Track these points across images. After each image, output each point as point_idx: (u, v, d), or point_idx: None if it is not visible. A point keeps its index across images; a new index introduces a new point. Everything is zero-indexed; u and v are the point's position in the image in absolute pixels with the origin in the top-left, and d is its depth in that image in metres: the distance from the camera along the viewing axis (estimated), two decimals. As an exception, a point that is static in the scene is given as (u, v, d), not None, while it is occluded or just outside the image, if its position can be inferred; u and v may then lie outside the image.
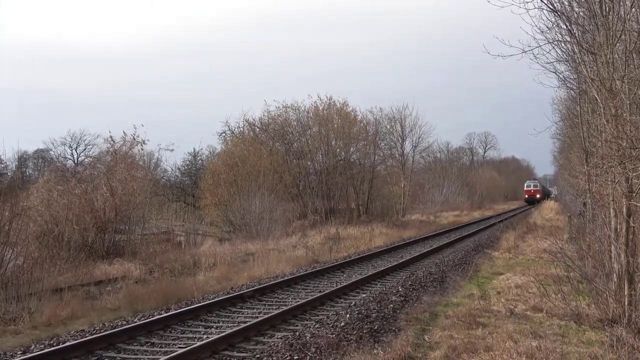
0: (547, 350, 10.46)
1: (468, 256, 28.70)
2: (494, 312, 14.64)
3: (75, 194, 31.70)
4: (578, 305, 15.39)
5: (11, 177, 35.13)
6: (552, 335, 12.17)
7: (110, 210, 32.33)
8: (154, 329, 14.21)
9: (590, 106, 17.36)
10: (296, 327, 14.20)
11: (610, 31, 14.17)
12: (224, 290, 19.63)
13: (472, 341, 11.48)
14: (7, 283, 19.25)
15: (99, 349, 12.53)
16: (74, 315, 16.34)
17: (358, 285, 20.11)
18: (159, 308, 16.48)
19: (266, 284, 20.59)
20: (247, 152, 50.18)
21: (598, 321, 13.77)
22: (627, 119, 12.73)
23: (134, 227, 33.65)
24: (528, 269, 22.31)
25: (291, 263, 27.33)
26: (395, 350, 10.94)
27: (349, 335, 12.85)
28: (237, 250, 30.89)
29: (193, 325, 14.86)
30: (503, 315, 14.26)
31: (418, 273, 22.48)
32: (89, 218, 30.75)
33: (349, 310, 15.48)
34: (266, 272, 24.33)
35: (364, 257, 29.37)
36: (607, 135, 14.28)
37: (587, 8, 15.63)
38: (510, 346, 10.78)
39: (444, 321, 13.77)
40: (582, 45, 16.36)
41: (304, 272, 23.69)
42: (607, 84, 13.77)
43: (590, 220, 24.60)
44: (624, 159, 13.59)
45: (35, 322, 15.70)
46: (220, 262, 27.51)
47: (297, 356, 11.28)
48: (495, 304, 15.66)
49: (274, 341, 12.87)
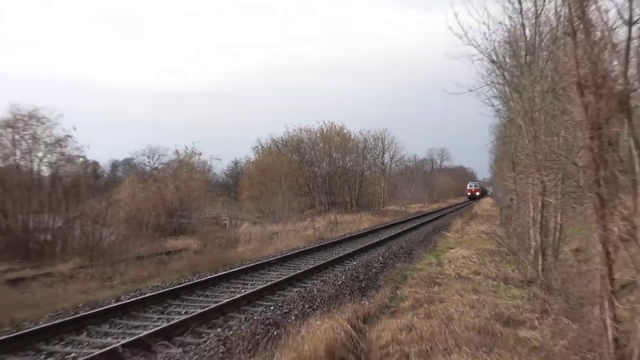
0: (484, 301, 10.58)
1: (428, 235, 28.70)
2: (446, 275, 14.73)
3: (151, 190, 32.03)
4: (506, 270, 15.54)
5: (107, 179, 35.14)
6: (487, 292, 12.27)
7: (176, 201, 32.71)
8: (208, 285, 14.33)
9: (516, 130, 17.43)
10: (307, 284, 14.33)
11: (531, 77, 14.25)
12: (256, 259, 19.69)
13: (430, 295, 11.57)
14: (104, 253, 19.53)
15: (169, 298, 12.66)
16: (151, 275, 16.52)
17: (351, 255, 20.16)
18: (210, 271, 16.60)
19: (286, 254, 20.71)
20: (272, 161, 50.43)
21: (520, 282, 13.86)
22: (542, 140, 12.79)
23: (193, 213, 33.78)
24: (471, 245, 22.39)
25: (303, 239, 27.40)
26: (376, 301, 11.06)
27: (344, 290, 12.99)
28: (266, 231, 30.90)
29: (235, 283, 14.97)
30: (452, 277, 14.37)
31: (393, 247, 22.54)
32: (161, 207, 31.09)
33: (344, 273, 15.64)
34: (286, 246, 24.45)
35: (355, 236, 29.33)
36: (528, 151, 14.33)
37: (516, 60, 15.71)
38: (458, 299, 10.89)
39: (411, 281, 13.87)
40: (511, 87, 16.46)
41: (313, 246, 23.71)
42: (529, 115, 13.85)
43: (515, 211, 24.58)
44: (540, 168, 13.66)
45: (124, 280, 15.87)
46: (254, 239, 27.55)
47: (307, 304, 11.40)
48: (447, 269, 15.76)
49: (291, 294, 13.04)
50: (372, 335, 8.44)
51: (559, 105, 11.56)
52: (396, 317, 9.79)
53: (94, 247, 20.49)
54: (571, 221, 15.10)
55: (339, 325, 7.94)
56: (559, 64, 11.63)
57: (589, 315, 8.24)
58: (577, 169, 7.83)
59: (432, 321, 8.67)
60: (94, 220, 21.73)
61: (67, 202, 21.59)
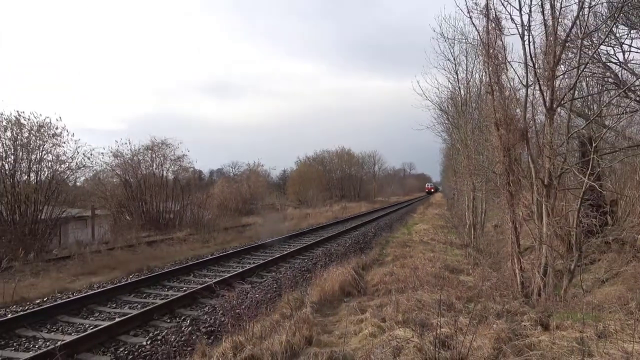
0: (437, 257, 10.43)
1: (403, 216, 28.50)
2: (414, 240, 14.58)
3: (233, 187, 32.14)
4: (451, 238, 15.33)
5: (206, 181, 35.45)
6: (439, 251, 12.10)
7: (248, 194, 32.79)
8: (267, 245, 14.28)
9: (456, 151, 17.31)
10: (327, 246, 14.20)
11: (465, 119, 14.13)
12: (296, 230, 19.69)
13: (404, 253, 11.45)
14: (205, 225, 19.67)
15: (243, 254, 12.66)
16: (233, 240, 16.56)
17: (355, 228, 20.03)
18: (269, 237, 16.62)
19: (314, 227, 20.65)
20: (306, 170, 51.00)
21: (460, 245, 13.68)
22: (473, 157, 12.67)
23: (258, 201, 33.92)
24: (429, 222, 22.18)
25: (325, 218, 27.33)
26: (370, 256, 10.95)
27: (350, 249, 12.91)
28: (302, 213, 30.92)
29: (284, 244, 14.91)
30: (418, 242, 14.21)
31: (380, 223, 22.41)
32: (239, 198, 31.20)
33: (350, 239, 15.54)
34: (315, 222, 24.38)
35: (357, 216, 29.14)
36: (464, 164, 14.19)
37: (455, 109, 15.62)
38: (421, 255, 10.77)
39: (392, 244, 13.74)
40: (453, 124, 16.34)
41: (331, 222, 23.62)
42: (464, 142, 13.72)
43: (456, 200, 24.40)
44: (471, 174, 13.52)
45: (215, 242, 15.94)
46: (295, 217, 27.59)
47: (327, 258, 11.31)
48: (414, 237, 15.59)
49: (317, 251, 12.96)
50: (367, 278, 8.38)
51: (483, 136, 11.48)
52: (382, 266, 9.71)
53: (198, 222, 20.68)
54: (492, 207, 14.98)
55: (347, 271, 7.89)
56: (482, 111, 11.56)
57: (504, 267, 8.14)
58: (495, 175, 7.79)
59: (405, 269, 8.59)
60: (199, 205, 22.01)
61: (182, 194, 21.83)
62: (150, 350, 5.18)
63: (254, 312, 5.94)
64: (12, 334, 5.86)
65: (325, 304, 6.67)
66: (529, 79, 6.58)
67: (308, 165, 53.92)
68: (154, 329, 6.13)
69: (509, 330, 4.55)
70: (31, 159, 13.16)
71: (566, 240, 6.34)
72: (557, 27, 6.18)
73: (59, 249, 13.62)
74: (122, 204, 20.06)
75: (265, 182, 39.09)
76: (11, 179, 12.66)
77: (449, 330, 4.49)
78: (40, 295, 8.02)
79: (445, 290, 6.60)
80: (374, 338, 4.76)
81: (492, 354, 4.01)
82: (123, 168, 20.80)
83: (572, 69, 6.58)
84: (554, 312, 5.16)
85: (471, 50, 13.99)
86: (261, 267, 10.48)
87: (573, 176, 6.94)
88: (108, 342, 5.54)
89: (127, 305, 7.36)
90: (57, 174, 13.97)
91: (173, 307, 7.02)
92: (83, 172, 16.03)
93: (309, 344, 4.75)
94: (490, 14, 6.68)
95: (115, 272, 10.17)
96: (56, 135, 13.74)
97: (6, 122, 12.86)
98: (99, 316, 6.78)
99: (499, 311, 5.41)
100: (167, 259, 11.96)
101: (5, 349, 5.40)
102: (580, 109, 9.69)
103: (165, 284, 9.00)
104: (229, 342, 4.64)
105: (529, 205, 6.69)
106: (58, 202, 13.70)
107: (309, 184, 45.31)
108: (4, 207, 12.42)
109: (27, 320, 6.24)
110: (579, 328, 4.34)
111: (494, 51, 6.71)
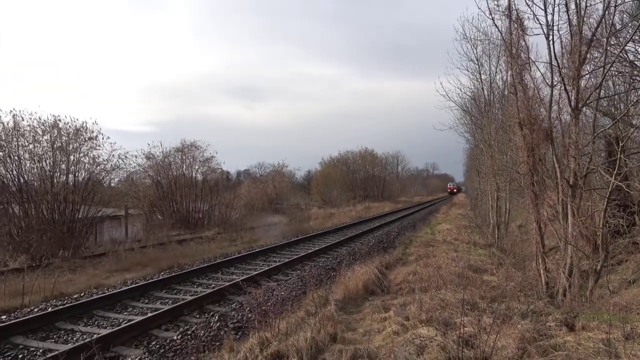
0: (461, 257, 10.28)
1: (426, 216, 28.18)
2: (437, 240, 14.42)
3: (259, 187, 32.40)
4: (474, 238, 15.08)
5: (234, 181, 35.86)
6: (463, 251, 11.93)
7: (273, 194, 33.02)
8: (292, 244, 14.39)
9: (479, 152, 17.05)
10: (351, 245, 14.19)
11: (489, 119, 13.89)
12: (321, 229, 19.71)
13: (427, 252, 11.34)
14: (232, 224, 19.87)
15: (269, 252, 12.76)
16: (259, 239, 16.68)
17: (378, 228, 19.93)
18: (294, 236, 16.70)
19: (338, 227, 20.62)
20: (330, 171, 50.79)
21: (483, 245, 13.47)
22: (496, 158, 12.46)
23: (283, 201, 34.09)
24: (452, 222, 21.88)
25: (349, 217, 27.32)
26: (394, 256, 10.88)
27: (373, 249, 12.83)
28: (327, 212, 30.94)
29: (308, 244, 14.96)
30: (441, 241, 14.05)
31: (403, 223, 22.22)
32: (264, 197, 31.41)
33: (374, 238, 15.45)
34: (339, 221, 24.40)
35: (380, 216, 29.01)
36: (487, 164, 13.98)
37: (478, 109, 15.39)
38: (444, 255, 10.63)
39: (415, 243, 13.62)
40: (476, 125, 16.08)
41: (355, 222, 23.56)
42: (487, 142, 13.50)
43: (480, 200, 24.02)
44: (495, 174, 13.29)
45: (243, 241, 16.10)
46: (319, 217, 27.63)
47: (351, 257, 11.31)
48: (437, 237, 15.42)
49: (341, 250, 12.97)
50: (391, 277, 8.32)
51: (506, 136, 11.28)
52: (406, 265, 9.63)
53: (226, 221, 20.96)
54: (516, 207, 14.68)
55: (371, 270, 7.86)
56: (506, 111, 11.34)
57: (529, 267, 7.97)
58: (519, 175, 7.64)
59: (428, 269, 8.50)
60: (226, 205, 22.29)
61: (211, 195, 22.12)
62: (181, 344, 5.27)
63: (279, 309, 5.97)
64: (52, 327, 6.06)
65: (349, 302, 6.66)
66: (553, 78, 6.44)
67: (332, 165, 53.72)
68: (184, 324, 6.24)
69: (534, 330, 4.45)
70: (69, 160, 13.58)
71: (592, 240, 6.16)
72: (583, 26, 6.03)
73: (95, 247, 14.01)
74: (153, 204, 20.50)
75: (289, 183, 39.30)
76: (50, 180, 13.08)
77: (472, 329, 4.43)
78: (77, 290, 8.26)
79: (469, 289, 6.50)
80: (397, 336, 4.72)
81: (517, 354, 3.94)
82: (155, 169, 21.26)
83: (598, 68, 6.38)
84: (579, 313, 5.03)
85: (494, 51, 13.78)
86: (286, 265, 10.53)
87: (599, 176, 6.74)
88: (141, 336, 5.66)
89: (159, 301, 7.51)
90: (93, 175, 14.36)
91: (202, 303, 7.13)
92: (117, 174, 16.47)
93: (333, 341, 4.75)
94: (512, 15, 6.56)
95: (148, 269, 10.39)
96: (92, 139, 14.14)
97: (44, 125, 13.30)
98: (132, 311, 6.94)
99: (524, 311, 5.30)
100: (196, 257, 12.15)
101: (46, 340, 5.59)
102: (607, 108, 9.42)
103: (194, 280, 9.14)
104: (256, 337, 4.68)
105: (553, 205, 6.54)
106: (94, 202, 14.09)
107: (333, 184, 45.25)
108: (44, 207, 12.84)
109: (66, 314, 6.45)
110: (605, 329, 4.21)
111: (517, 51, 6.59)
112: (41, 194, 12.79)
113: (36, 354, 5.09)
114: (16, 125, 12.80)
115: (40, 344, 5.42)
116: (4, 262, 10.89)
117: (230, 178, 35.01)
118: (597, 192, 6.71)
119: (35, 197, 12.66)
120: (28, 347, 5.34)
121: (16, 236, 12.14)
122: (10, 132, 12.71)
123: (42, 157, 13.05)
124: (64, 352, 4.66)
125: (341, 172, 51.64)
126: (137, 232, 18.08)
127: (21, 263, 10.62)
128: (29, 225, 12.40)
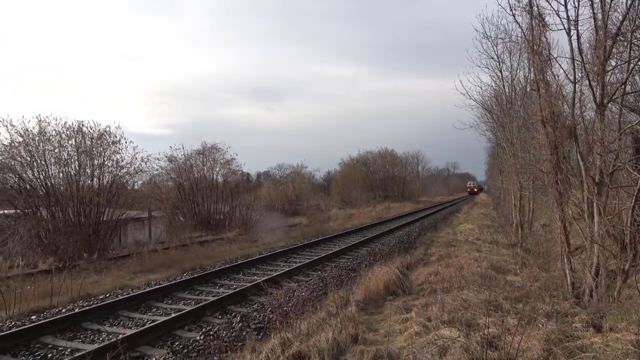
0: (484, 257, 10.15)
1: (447, 216, 27.84)
2: (459, 240, 14.25)
3: (279, 189, 32.59)
4: (497, 237, 14.87)
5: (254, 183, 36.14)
6: (485, 251, 11.77)
7: (293, 195, 33.07)
8: (312, 245, 14.41)
9: (501, 150, 16.81)
10: (371, 245, 14.11)
11: (510, 117, 13.68)
12: (341, 230, 19.65)
13: (449, 252, 11.21)
14: (253, 226, 20.00)
15: (290, 253, 12.80)
16: (279, 240, 16.69)
17: (399, 228, 19.77)
18: (314, 237, 16.70)
19: (358, 227, 20.54)
20: (350, 171, 50.65)
21: (507, 245, 13.26)
22: (519, 156, 12.25)
23: (303, 202, 34.15)
24: (474, 221, 21.58)
25: (369, 218, 27.17)
26: (415, 256, 10.81)
27: (394, 249, 12.73)
28: (347, 213, 30.87)
29: (329, 244, 14.96)
30: (463, 241, 13.88)
31: (425, 223, 22.00)
32: (284, 199, 31.59)
33: (394, 239, 15.33)
34: (359, 222, 24.25)
35: (401, 216, 28.81)
36: (510, 163, 13.76)
37: (500, 107, 15.17)
38: (467, 255, 10.50)
39: (436, 244, 13.49)
40: (497, 123, 15.85)
41: (375, 222, 23.44)
42: (510, 141, 13.29)
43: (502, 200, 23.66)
44: (518, 173, 13.08)
45: (263, 242, 16.17)
46: (339, 218, 27.60)
47: (372, 258, 11.26)
48: (459, 237, 15.24)
49: (362, 251, 12.92)
50: (412, 277, 8.26)
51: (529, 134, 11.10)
52: (427, 266, 9.55)
53: (247, 222, 21.10)
54: (539, 206, 14.41)
55: (392, 270, 7.81)
56: (528, 109, 11.15)
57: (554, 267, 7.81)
58: (542, 173, 7.51)
59: (450, 269, 8.42)
60: (247, 207, 22.42)
61: (232, 196, 22.31)
62: (204, 344, 5.33)
63: (300, 310, 5.99)
64: (79, 327, 6.20)
65: (370, 303, 6.64)
66: (576, 74, 6.30)
67: (351, 166, 53.52)
68: (207, 324, 6.31)
69: (560, 331, 4.36)
70: (94, 164, 13.88)
71: (619, 239, 6.00)
72: (607, 21, 5.88)
73: (119, 249, 14.29)
74: (176, 206, 20.80)
75: (309, 184, 39.27)
76: (76, 184, 13.40)
77: (496, 330, 4.37)
78: (103, 291, 8.44)
79: (492, 290, 6.40)
80: (419, 337, 4.69)
81: (542, 356, 3.86)
82: (177, 172, 21.57)
83: (623, 63, 6.22)
84: (607, 314, 4.90)
85: (515, 48, 13.54)
86: (307, 266, 10.55)
87: (626, 173, 6.56)
88: (165, 336, 5.75)
89: (182, 302, 7.61)
90: (117, 178, 14.64)
91: (224, 304, 7.19)
92: (140, 177, 16.78)
93: (354, 341, 4.75)
94: (533, 11, 6.45)
95: (171, 270, 10.54)
96: (115, 143, 14.43)
97: (69, 131, 13.63)
98: (156, 311, 7.05)
99: (549, 312, 5.20)
100: (218, 258, 12.26)
101: (73, 340, 5.73)
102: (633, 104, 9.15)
103: (216, 281, 9.24)
104: (277, 338, 4.71)
105: (578, 204, 6.40)
106: (118, 205, 14.36)
107: (353, 185, 45.12)
108: (71, 210, 13.16)
109: (92, 314, 6.59)
110: (634, 330, 4.10)
111: (539, 48, 6.46)
112: (67, 197, 13.10)
113: (64, 353, 5.22)
114: (42, 131, 13.15)
115: (68, 343, 5.56)
116: (34, 263, 11.21)
117: (251, 180, 35.29)
118: (625, 189, 6.52)
119: (62, 201, 12.96)
120: (57, 346, 5.48)
121: (44, 238, 12.46)
122: (37, 138, 13.07)
123: (68, 162, 13.38)
124: (91, 351, 4.76)
125: (361, 172, 51.39)
126: (160, 233, 18.37)
127: (49, 265, 10.92)
128: (57, 227, 12.71)
